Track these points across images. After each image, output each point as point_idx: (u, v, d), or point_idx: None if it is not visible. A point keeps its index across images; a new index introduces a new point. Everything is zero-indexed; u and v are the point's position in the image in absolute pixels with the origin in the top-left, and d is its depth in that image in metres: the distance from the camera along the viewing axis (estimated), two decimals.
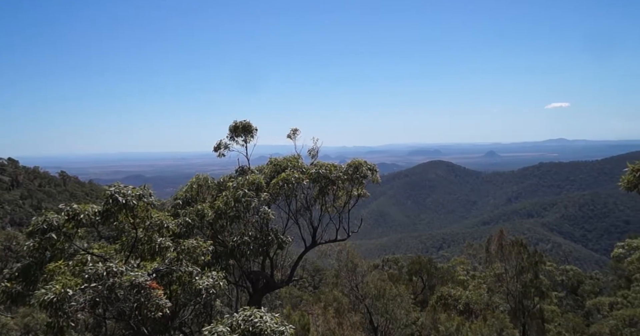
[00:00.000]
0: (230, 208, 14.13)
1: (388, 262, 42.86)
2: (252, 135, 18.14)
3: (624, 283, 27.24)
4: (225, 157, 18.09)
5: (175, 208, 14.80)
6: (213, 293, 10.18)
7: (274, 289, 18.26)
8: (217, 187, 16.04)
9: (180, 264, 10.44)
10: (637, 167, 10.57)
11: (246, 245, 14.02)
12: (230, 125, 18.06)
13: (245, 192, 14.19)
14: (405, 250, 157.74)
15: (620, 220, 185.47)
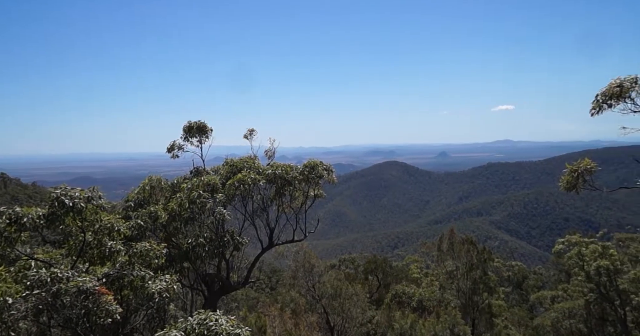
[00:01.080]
0: (185, 210, 13.83)
1: (345, 262, 43.29)
2: (207, 136, 17.84)
3: (564, 277, 28.99)
4: (179, 158, 17.68)
5: (127, 210, 14.30)
6: (166, 297, 9.91)
7: (230, 291, 18.02)
8: (171, 189, 15.64)
9: (132, 268, 10.10)
10: (574, 167, 11.26)
11: (201, 247, 13.76)
12: (184, 125, 17.67)
13: (200, 193, 13.93)
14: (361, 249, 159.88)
15: (561, 217, 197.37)
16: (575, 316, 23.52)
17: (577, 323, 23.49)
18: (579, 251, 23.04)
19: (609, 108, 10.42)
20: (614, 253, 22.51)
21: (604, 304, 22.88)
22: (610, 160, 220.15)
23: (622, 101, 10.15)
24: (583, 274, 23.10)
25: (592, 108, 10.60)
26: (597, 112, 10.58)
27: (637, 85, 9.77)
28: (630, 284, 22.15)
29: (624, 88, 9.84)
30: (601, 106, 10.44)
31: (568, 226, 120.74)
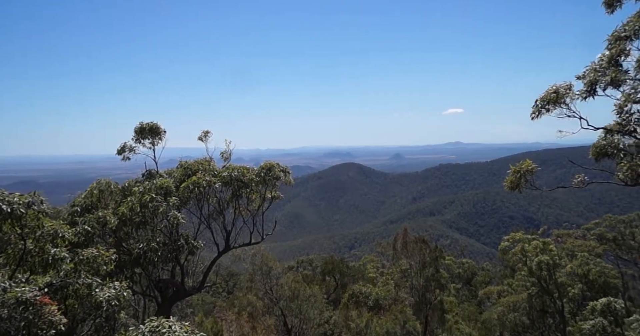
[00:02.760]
0: (136, 214, 13.38)
1: (302, 263, 43.40)
2: (160, 137, 17.35)
3: (509, 272, 30.51)
4: (130, 160, 17.07)
5: (73, 215, 13.65)
6: (116, 305, 9.56)
7: (184, 297, 17.61)
8: (122, 192, 15.08)
9: (78, 276, 9.66)
10: (517, 169, 11.90)
11: (154, 252, 13.37)
12: (135, 126, 17.10)
13: (152, 197, 13.54)
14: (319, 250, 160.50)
15: (506, 216, 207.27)
16: (519, 309, 24.87)
17: (520, 316, 24.84)
18: (522, 247, 24.38)
19: (547, 113, 11.04)
20: (553, 248, 24.01)
21: (544, 297, 24.35)
22: (549, 161, 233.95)
23: (558, 106, 10.81)
24: (526, 269, 24.48)
25: (532, 113, 11.21)
26: (536, 116, 11.19)
27: (571, 92, 10.46)
28: (567, 277, 23.77)
29: (560, 94, 10.51)
30: (540, 110, 11.04)
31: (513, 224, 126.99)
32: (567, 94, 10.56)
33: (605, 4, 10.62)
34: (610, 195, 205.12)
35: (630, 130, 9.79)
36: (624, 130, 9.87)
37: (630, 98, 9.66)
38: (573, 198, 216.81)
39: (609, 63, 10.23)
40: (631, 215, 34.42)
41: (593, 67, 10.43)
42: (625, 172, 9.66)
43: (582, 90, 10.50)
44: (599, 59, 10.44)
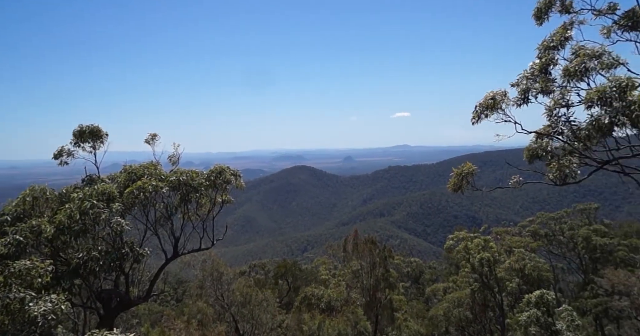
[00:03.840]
0: (75, 222, 12.66)
1: (255, 268, 43.01)
2: (102, 141, 16.57)
3: (454, 270, 31.88)
4: (69, 165, 16.16)
5: (3, 225, 12.70)
6: (52, 319, 9.01)
7: (129, 307, 16.88)
8: (59, 199, 14.22)
9: (9, 290, 9.02)
10: (459, 171, 12.46)
11: (95, 261, 12.71)
12: (74, 129, 16.21)
13: (93, 203, 12.89)
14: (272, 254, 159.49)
15: (451, 215, 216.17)
16: (462, 304, 26.09)
17: (464, 311, 26.06)
18: (465, 245, 25.60)
19: (486, 118, 11.63)
20: (493, 245, 25.44)
21: (485, 292, 25.72)
22: (489, 163, 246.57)
23: (496, 112, 11.45)
24: (469, 266, 25.74)
25: (473, 118, 11.78)
26: (476, 120, 11.77)
27: (506, 98, 11.13)
28: (506, 272, 25.25)
29: (496, 101, 11.15)
30: (479, 116, 11.62)
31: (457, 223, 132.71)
32: (502, 101, 11.18)
33: (534, 16, 11.42)
34: (542, 194, 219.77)
35: (559, 132, 10.56)
36: (554, 132, 10.62)
37: (558, 102, 10.41)
38: (510, 197, 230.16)
39: (539, 71, 11.00)
40: (560, 212, 37.16)
41: (525, 74, 11.17)
42: (555, 173, 10.37)
43: (516, 97, 11.21)
44: (530, 67, 11.19)
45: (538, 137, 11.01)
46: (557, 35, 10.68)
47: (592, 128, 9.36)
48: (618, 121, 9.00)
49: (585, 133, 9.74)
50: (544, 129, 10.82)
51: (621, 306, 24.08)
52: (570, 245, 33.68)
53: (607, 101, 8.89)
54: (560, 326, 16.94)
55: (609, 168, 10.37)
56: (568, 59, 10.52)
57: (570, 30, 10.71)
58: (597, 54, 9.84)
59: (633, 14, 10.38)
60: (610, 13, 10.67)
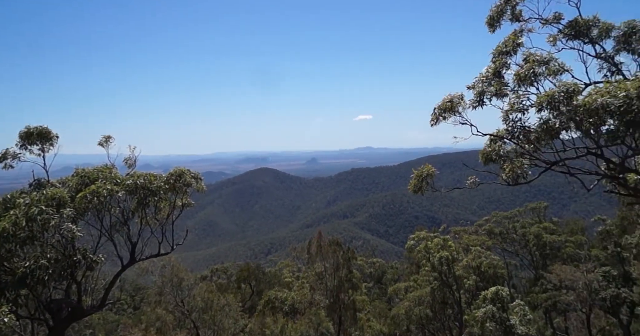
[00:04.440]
0: (21, 229, 11.96)
1: (217, 272, 42.31)
2: (51, 143, 15.77)
3: (415, 269, 32.55)
4: (14, 168, 15.27)
5: None
6: None
7: (82, 317, 16.15)
8: (3, 205, 13.41)
9: None
10: (419, 173, 12.74)
11: (43, 270, 12.04)
12: (20, 131, 15.35)
13: (42, 209, 12.22)
14: (234, 258, 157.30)
15: (412, 216, 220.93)
16: (423, 302, 26.74)
17: (424, 309, 26.71)
18: (425, 245, 26.25)
19: (444, 120, 11.96)
20: (451, 244, 26.23)
21: (444, 289, 26.49)
22: (448, 164, 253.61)
23: (453, 114, 11.80)
24: (429, 265, 26.40)
25: (431, 120, 12.07)
26: (435, 123, 12.07)
27: (463, 101, 11.51)
28: (464, 270, 26.11)
29: (454, 104, 11.50)
30: (438, 118, 11.92)
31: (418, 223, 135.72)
32: (459, 104, 11.54)
33: (487, 23, 11.89)
34: (497, 194, 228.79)
35: (513, 135, 11.01)
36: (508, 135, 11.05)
37: (514, 107, 10.86)
38: (468, 197, 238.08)
39: (493, 75, 11.45)
40: (513, 211, 38.85)
41: (481, 78, 11.59)
42: (508, 174, 10.80)
43: (473, 99, 11.61)
44: (485, 70, 11.63)
45: (492, 141, 11.44)
46: (510, 42, 11.17)
47: (542, 131, 9.83)
48: (565, 124, 9.51)
49: (535, 136, 10.23)
50: (501, 133, 11.26)
51: (568, 299, 25.39)
52: (523, 242, 35.22)
53: (555, 105, 9.35)
54: (513, 321, 17.66)
55: (557, 169, 10.92)
56: (519, 64, 11.03)
57: (521, 37, 11.24)
58: (545, 60, 10.37)
59: (576, 23, 11.02)
60: (556, 22, 11.28)
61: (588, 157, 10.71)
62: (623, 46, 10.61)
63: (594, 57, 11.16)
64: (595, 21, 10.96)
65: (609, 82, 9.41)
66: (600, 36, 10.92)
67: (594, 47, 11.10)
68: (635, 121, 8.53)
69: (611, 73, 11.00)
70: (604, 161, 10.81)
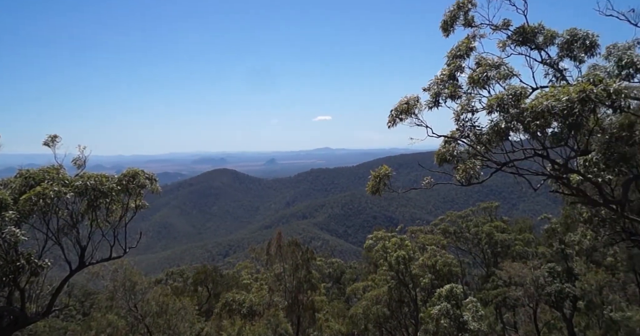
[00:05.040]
0: None
1: (172, 275, 41.23)
2: None
3: (372, 268, 33.12)
4: None
5: None
6: None
7: (25, 325, 15.24)
8: None
9: None
10: (376, 174, 12.95)
11: None
12: None
13: None
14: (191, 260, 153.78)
15: (370, 216, 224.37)
16: (380, 301, 27.23)
17: (382, 308, 27.21)
18: (383, 244, 26.77)
19: (400, 122, 12.21)
20: (408, 244, 26.92)
21: (401, 288, 27.13)
22: (405, 165, 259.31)
23: (409, 116, 12.08)
24: (386, 264, 26.94)
25: (389, 122, 12.29)
26: (392, 124, 12.29)
27: (419, 103, 11.82)
28: (420, 269, 26.81)
29: (410, 106, 11.78)
30: (395, 119, 12.15)
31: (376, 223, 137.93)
32: (415, 106, 11.84)
33: (442, 28, 12.29)
34: (451, 194, 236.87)
35: (465, 135, 11.42)
36: (461, 136, 11.46)
37: (465, 108, 11.27)
38: (424, 197, 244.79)
39: (448, 77, 11.84)
40: (466, 211, 40.31)
41: (436, 80, 11.96)
42: (461, 174, 11.18)
43: (428, 100, 11.95)
44: (440, 73, 12.00)
45: (446, 142, 11.82)
46: (463, 46, 11.60)
47: (493, 132, 10.27)
48: (513, 126, 9.97)
49: (486, 138, 10.67)
50: (453, 133, 11.66)
51: (517, 295, 26.62)
52: (475, 241, 36.62)
53: (504, 108, 9.79)
54: (466, 317, 18.34)
55: (506, 169, 11.43)
56: (472, 67, 11.49)
57: (474, 42, 11.71)
58: (497, 64, 10.85)
59: (523, 30, 11.61)
60: (505, 28, 11.83)
61: (535, 158, 11.28)
62: (566, 53, 11.27)
63: (540, 63, 11.80)
64: (540, 28, 11.59)
65: (554, 87, 9.97)
66: (546, 43, 11.56)
67: (540, 53, 11.75)
68: (577, 123, 9.08)
69: (556, 78, 11.66)
70: (549, 162, 11.43)
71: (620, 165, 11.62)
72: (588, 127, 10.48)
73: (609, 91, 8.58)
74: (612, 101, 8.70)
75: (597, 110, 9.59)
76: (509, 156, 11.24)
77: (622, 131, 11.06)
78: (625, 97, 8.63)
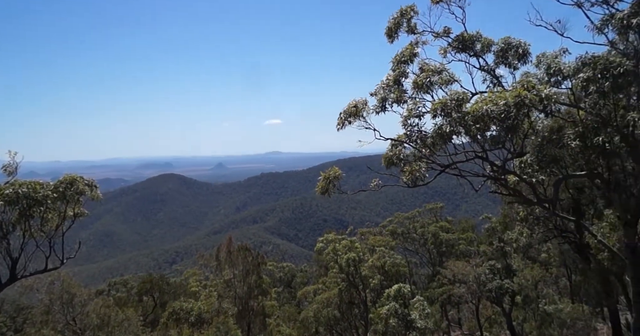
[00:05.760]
0: None
1: (115, 285, 39.29)
2: None
3: (323, 271, 33.31)
4: None
5: None
6: None
7: None
8: None
9: None
10: (326, 175, 13.06)
11: None
12: None
13: None
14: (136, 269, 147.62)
15: (321, 219, 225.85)
16: (331, 304, 27.43)
17: (332, 310, 27.43)
18: (334, 247, 27.01)
19: (349, 125, 12.40)
20: (358, 246, 27.33)
21: (351, 290, 27.48)
22: (354, 168, 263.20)
23: (358, 119, 12.30)
24: (337, 266, 27.19)
25: (338, 124, 12.45)
26: (341, 127, 12.46)
27: (367, 107, 12.09)
28: (369, 270, 27.32)
29: (358, 109, 12.02)
30: (344, 123, 12.33)
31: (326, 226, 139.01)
32: (364, 109, 12.09)
33: (386, 34, 12.67)
34: (399, 195, 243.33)
35: (412, 139, 11.80)
36: (408, 139, 11.82)
37: (411, 113, 11.64)
38: (373, 200, 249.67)
39: (394, 82, 12.19)
40: (413, 212, 41.58)
41: (382, 85, 12.27)
42: (407, 177, 11.51)
43: (376, 105, 12.24)
44: (386, 78, 12.33)
45: (393, 145, 12.15)
46: (407, 52, 12.01)
47: (437, 136, 10.68)
48: (456, 130, 10.44)
49: (431, 141, 11.09)
50: (400, 137, 12.00)
51: (460, 292, 27.77)
52: (422, 241, 37.89)
53: (448, 112, 10.23)
54: (414, 315, 18.88)
55: (450, 171, 11.92)
56: (416, 73, 11.91)
57: (417, 48, 12.16)
58: (439, 70, 11.33)
59: (462, 38, 12.21)
60: (446, 36, 12.40)
61: (476, 160, 11.84)
62: (501, 60, 11.98)
63: (478, 69, 12.46)
64: (478, 36, 12.25)
65: (492, 92, 10.56)
66: (483, 50, 12.24)
67: (478, 60, 12.41)
68: (513, 127, 9.67)
69: (493, 84, 12.35)
70: (489, 164, 12.04)
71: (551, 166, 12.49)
72: (523, 130, 11.19)
73: (541, 96, 9.22)
74: (543, 106, 9.35)
75: (530, 114, 10.27)
76: (452, 158, 11.72)
77: (552, 134, 11.90)
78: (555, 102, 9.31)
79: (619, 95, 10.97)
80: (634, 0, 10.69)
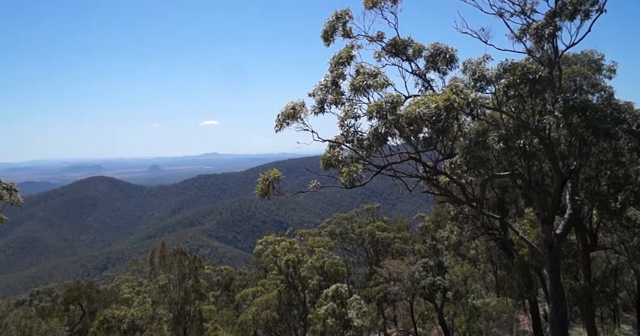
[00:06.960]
0: None
1: (38, 295, 36.33)
2: None
3: (263, 273, 32.97)
4: None
5: None
6: None
7: None
8: None
9: None
10: (265, 177, 12.93)
11: None
12: None
13: None
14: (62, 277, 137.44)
15: (260, 221, 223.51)
16: (270, 306, 27.20)
17: (271, 312, 27.21)
18: (273, 249, 26.82)
19: (287, 126, 12.38)
20: (297, 247, 27.36)
21: (290, 291, 27.45)
22: (293, 169, 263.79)
23: (296, 120, 12.32)
24: (276, 268, 27.04)
25: (276, 126, 12.40)
26: (279, 129, 12.40)
27: (305, 108, 12.15)
28: (308, 271, 27.43)
29: (296, 111, 12.05)
30: (282, 124, 12.28)
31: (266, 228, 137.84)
32: (301, 111, 12.14)
33: (322, 37, 12.83)
34: (337, 196, 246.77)
35: (349, 140, 12.01)
36: (345, 140, 12.01)
37: (348, 114, 11.85)
38: (312, 201, 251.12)
39: (332, 84, 12.36)
40: (351, 213, 42.29)
41: (320, 86, 12.39)
42: (345, 178, 11.70)
43: (314, 106, 12.32)
44: (324, 80, 12.46)
45: (331, 146, 12.30)
46: (345, 53, 12.24)
47: (373, 137, 10.97)
48: (391, 132, 10.79)
49: (367, 143, 11.37)
50: (337, 138, 12.17)
51: (396, 290, 28.67)
52: (359, 240, 38.63)
53: (383, 114, 10.54)
54: (351, 314, 19.19)
55: (385, 172, 12.28)
56: (352, 75, 12.17)
57: (353, 51, 12.42)
58: (374, 73, 11.64)
59: (395, 42, 12.66)
60: (379, 40, 12.79)
61: (410, 161, 12.31)
62: (431, 65, 12.51)
63: (410, 73, 12.97)
64: (410, 41, 12.73)
65: (425, 96, 11.04)
66: (414, 55, 12.74)
67: (411, 65, 12.91)
68: (444, 129, 10.16)
69: (425, 88, 12.91)
70: (422, 165, 12.58)
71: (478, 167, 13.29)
72: (453, 133, 11.80)
73: (468, 100, 9.78)
74: (470, 109, 9.93)
75: (459, 117, 10.86)
76: (387, 160, 12.08)
77: (478, 137, 12.67)
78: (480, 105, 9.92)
79: (536, 100, 11.93)
80: (548, 11, 11.68)
